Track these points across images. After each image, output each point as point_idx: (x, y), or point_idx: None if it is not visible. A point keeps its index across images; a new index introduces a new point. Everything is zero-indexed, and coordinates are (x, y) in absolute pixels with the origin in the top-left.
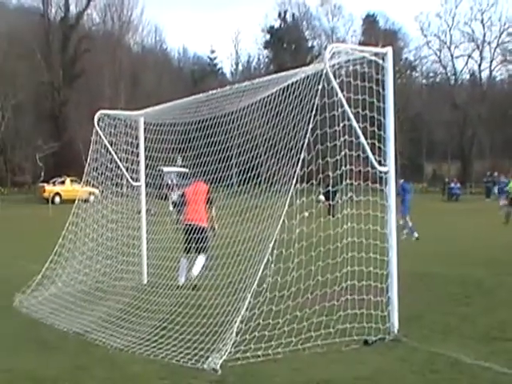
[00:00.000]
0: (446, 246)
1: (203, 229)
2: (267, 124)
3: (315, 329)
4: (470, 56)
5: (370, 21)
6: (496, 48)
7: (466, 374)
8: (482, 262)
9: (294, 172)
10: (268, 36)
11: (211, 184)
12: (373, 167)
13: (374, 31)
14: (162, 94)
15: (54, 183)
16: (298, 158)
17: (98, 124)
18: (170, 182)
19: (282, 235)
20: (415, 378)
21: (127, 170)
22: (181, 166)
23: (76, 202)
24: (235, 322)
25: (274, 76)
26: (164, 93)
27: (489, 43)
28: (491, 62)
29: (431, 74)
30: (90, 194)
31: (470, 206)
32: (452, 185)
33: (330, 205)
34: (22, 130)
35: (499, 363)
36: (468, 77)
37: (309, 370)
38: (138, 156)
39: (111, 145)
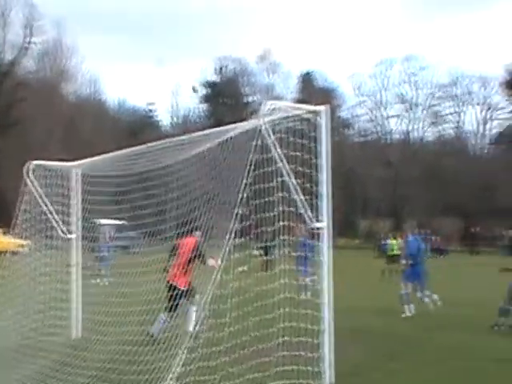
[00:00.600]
0: (378, 302)
1: (176, 287)
2: (205, 178)
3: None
4: (400, 116)
5: (307, 78)
6: (426, 110)
7: None
8: (411, 316)
9: (231, 227)
10: (207, 90)
11: (150, 236)
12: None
13: (310, 89)
14: (98, 145)
15: None
16: (235, 213)
17: (29, 174)
18: (106, 235)
19: (217, 290)
20: None
21: (62, 222)
22: (118, 219)
23: (4, 254)
24: (166, 378)
25: (212, 130)
26: (101, 143)
27: (419, 105)
28: (421, 123)
29: (364, 133)
30: (21, 246)
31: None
32: (384, 242)
33: (266, 260)
34: None
35: None
36: (400, 136)
37: None
38: (71, 208)
39: (44, 196)
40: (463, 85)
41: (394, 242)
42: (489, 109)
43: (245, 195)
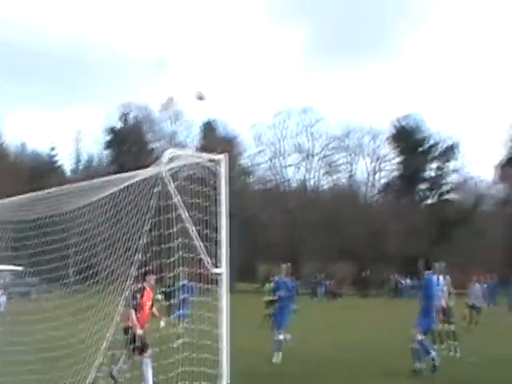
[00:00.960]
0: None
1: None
2: (105, 223)
3: None
4: (298, 165)
5: (208, 127)
6: (322, 159)
7: None
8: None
9: (131, 272)
10: (110, 136)
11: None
12: (207, 269)
13: (212, 137)
14: None
15: None
16: (134, 259)
17: None
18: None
19: (116, 336)
20: None
21: None
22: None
23: None
24: None
25: (114, 177)
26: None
27: (315, 155)
28: (317, 172)
29: (264, 181)
30: None
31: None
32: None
33: (168, 304)
34: None
35: None
36: (298, 184)
37: None
38: None
39: None
40: (355, 137)
41: (267, 286)
42: (377, 160)
43: (145, 241)
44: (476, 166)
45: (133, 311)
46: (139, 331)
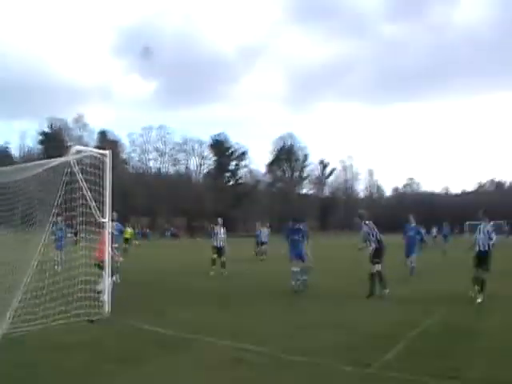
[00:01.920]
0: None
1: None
2: (38, 190)
3: (60, 313)
4: (155, 160)
5: (103, 134)
6: (170, 157)
7: (144, 335)
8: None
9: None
10: (42, 137)
11: None
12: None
13: (105, 140)
14: None
15: None
16: (53, 212)
17: None
18: None
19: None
20: (114, 336)
21: None
22: None
23: None
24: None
25: (43, 161)
26: None
27: (166, 153)
28: (166, 163)
29: (136, 167)
30: None
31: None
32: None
33: (76, 239)
34: None
35: (161, 326)
36: (155, 170)
37: (55, 337)
38: None
39: None
40: (190, 144)
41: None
42: (203, 158)
43: (59, 201)
44: (256, 164)
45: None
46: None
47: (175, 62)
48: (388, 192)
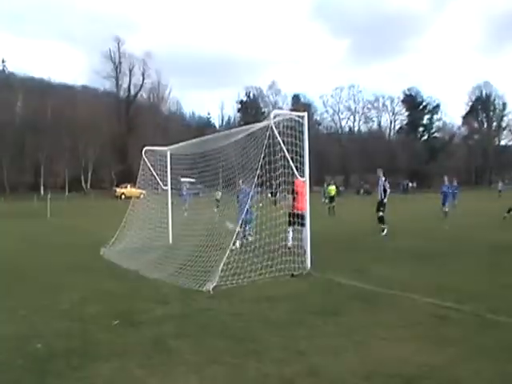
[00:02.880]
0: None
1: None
2: (240, 155)
3: (265, 268)
4: (348, 118)
5: (296, 98)
6: (361, 115)
7: (344, 289)
8: (351, 232)
9: (255, 181)
10: (239, 106)
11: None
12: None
13: (298, 104)
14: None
15: (120, 187)
16: (256, 173)
17: (145, 155)
18: (184, 187)
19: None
20: (318, 292)
21: (161, 180)
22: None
23: (133, 198)
24: (219, 264)
25: (243, 127)
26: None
27: (356, 112)
28: (358, 122)
29: (328, 127)
30: (141, 193)
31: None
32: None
33: (274, 199)
34: (105, 158)
35: (361, 282)
36: (348, 129)
37: (261, 290)
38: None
39: (152, 166)
40: (380, 101)
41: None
42: (394, 114)
43: (261, 163)
44: (451, 117)
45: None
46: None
47: (364, 19)
48: None
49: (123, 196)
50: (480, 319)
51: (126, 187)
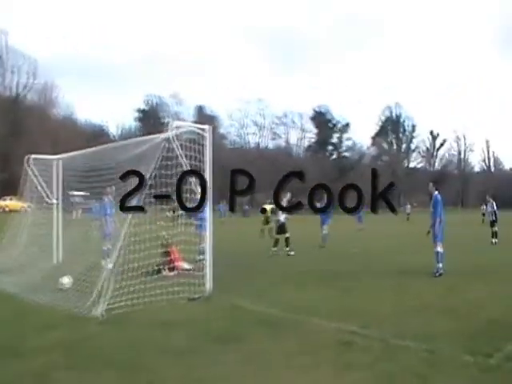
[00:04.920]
0: (239, 245)
1: None
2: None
3: (161, 291)
4: (255, 133)
5: (200, 109)
6: (268, 130)
7: (246, 314)
8: (258, 252)
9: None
10: (139, 114)
11: None
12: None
13: (202, 116)
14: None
15: (3, 199)
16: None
17: (29, 163)
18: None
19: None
20: (218, 317)
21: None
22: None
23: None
24: (109, 286)
25: (143, 138)
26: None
27: (265, 127)
28: (265, 138)
29: (234, 142)
30: (23, 207)
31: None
32: (245, 207)
33: (173, 217)
34: None
35: (266, 306)
36: (255, 145)
37: (156, 315)
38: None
39: (37, 176)
40: (288, 117)
41: None
42: (303, 131)
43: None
44: (359, 136)
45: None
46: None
47: (273, 31)
48: (507, 165)
49: (7, 209)
50: (385, 344)
51: (11, 199)
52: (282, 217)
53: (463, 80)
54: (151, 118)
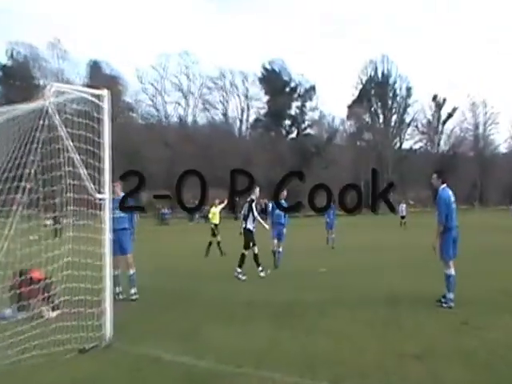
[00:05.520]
0: (162, 263)
1: None
2: None
3: (37, 342)
4: (178, 103)
5: (94, 66)
6: (198, 98)
7: (165, 369)
8: (189, 273)
9: (18, 199)
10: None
11: None
12: (91, 195)
13: (98, 76)
14: None
15: None
16: (23, 187)
17: None
18: None
19: (6, 258)
20: (123, 377)
21: None
22: None
23: None
24: None
25: (5, 108)
26: None
27: (192, 93)
28: (194, 108)
29: (147, 116)
30: None
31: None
32: (163, 211)
33: (55, 228)
34: None
35: (194, 356)
36: (177, 120)
37: (29, 377)
38: None
39: None
40: (228, 78)
41: None
42: (248, 99)
43: (32, 170)
44: (330, 106)
45: None
46: None
47: None
48: None
49: None
50: None
51: None
52: (252, 225)
53: (482, 19)
54: (18, 79)
